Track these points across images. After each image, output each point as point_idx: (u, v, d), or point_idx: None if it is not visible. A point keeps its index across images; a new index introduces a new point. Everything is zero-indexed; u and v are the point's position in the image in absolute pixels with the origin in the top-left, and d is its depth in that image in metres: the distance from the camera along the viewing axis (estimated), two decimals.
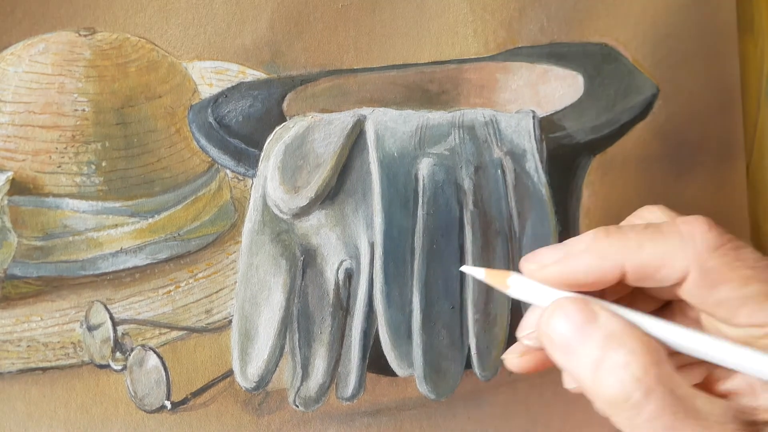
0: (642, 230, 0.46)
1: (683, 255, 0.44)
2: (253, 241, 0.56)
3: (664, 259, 0.45)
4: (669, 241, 0.45)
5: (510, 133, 0.59)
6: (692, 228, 0.45)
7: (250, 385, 0.56)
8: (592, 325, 0.44)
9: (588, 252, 0.46)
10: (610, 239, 0.45)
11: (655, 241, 0.45)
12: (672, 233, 0.45)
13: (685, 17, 0.65)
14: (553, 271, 0.46)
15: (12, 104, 0.53)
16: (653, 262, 0.45)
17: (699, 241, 0.44)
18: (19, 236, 0.53)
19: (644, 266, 0.45)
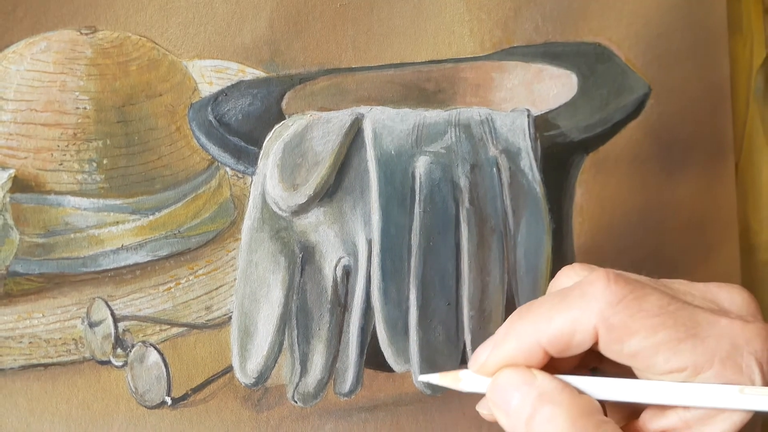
0: (551, 302, 0.47)
1: (588, 316, 0.45)
2: (252, 238, 0.56)
3: (573, 326, 0.45)
4: (573, 306, 0.46)
5: (505, 131, 0.59)
6: (592, 288, 0.45)
7: (250, 380, 0.57)
8: (528, 386, 0.46)
9: (508, 338, 0.47)
10: (523, 320, 0.47)
11: (561, 311, 0.46)
12: (575, 298, 0.46)
13: (676, 17, 0.66)
14: (490, 364, 0.48)
15: (14, 102, 0.53)
16: (564, 332, 0.46)
17: (600, 299, 0.45)
18: (21, 233, 0.53)
19: (558, 338, 0.46)
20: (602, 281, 0.45)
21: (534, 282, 0.61)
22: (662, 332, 0.44)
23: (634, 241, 0.67)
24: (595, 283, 0.46)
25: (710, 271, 0.70)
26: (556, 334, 0.46)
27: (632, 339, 0.45)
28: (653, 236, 0.68)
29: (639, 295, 0.45)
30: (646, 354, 0.45)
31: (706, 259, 0.70)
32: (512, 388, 0.47)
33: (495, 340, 0.48)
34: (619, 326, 0.45)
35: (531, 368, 0.47)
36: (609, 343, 0.45)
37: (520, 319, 0.47)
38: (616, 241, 0.66)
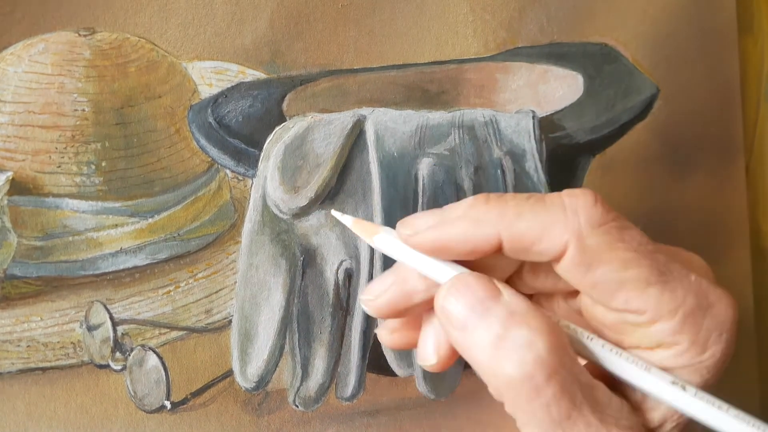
0: (524, 199, 0.43)
1: (563, 228, 0.42)
2: (252, 241, 0.56)
3: (543, 231, 0.42)
4: (550, 212, 0.42)
5: (510, 133, 0.59)
6: (576, 201, 0.42)
7: (250, 385, 0.56)
8: (495, 301, 0.42)
9: (464, 218, 0.43)
10: (489, 206, 0.43)
11: (535, 211, 0.42)
12: (554, 205, 0.42)
13: (685, 17, 0.65)
14: (427, 237, 0.43)
15: (12, 104, 0.53)
16: (531, 233, 0.42)
17: (581, 215, 0.42)
18: (19, 236, 0.53)
19: (521, 237, 0.42)
20: (589, 198, 0.42)
21: None
22: (634, 269, 0.41)
23: None
24: (580, 197, 0.42)
25: (720, 273, 0.68)
26: (520, 232, 0.42)
27: (601, 267, 0.41)
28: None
29: (622, 225, 0.42)
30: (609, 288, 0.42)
31: (716, 261, 0.69)
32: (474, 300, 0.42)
33: (444, 214, 0.44)
34: (592, 250, 0.41)
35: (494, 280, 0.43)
36: (575, 264, 0.42)
37: (485, 203, 0.43)
38: None
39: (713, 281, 0.44)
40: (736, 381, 0.70)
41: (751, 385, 0.71)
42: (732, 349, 0.43)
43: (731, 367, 0.70)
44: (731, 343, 0.43)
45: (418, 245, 0.43)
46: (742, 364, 0.70)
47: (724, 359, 0.43)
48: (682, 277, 0.42)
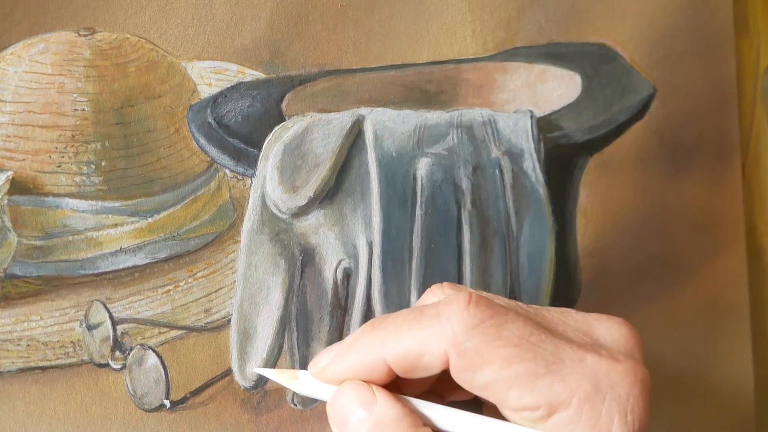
0: (404, 318, 0.44)
1: (439, 340, 0.42)
2: (252, 240, 0.56)
3: (423, 347, 0.43)
4: (425, 325, 0.43)
5: (508, 133, 0.59)
6: (449, 308, 0.42)
7: (249, 383, 0.56)
8: (366, 410, 0.44)
9: (353, 348, 0.45)
10: (373, 333, 0.45)
11: (412, 328, 0.43)
12: (430, 317, 0.43)
13: (682, 18, 0.65)
14: (329, 372, 0.46)
15: (12, 104, 0.53)
16: (412, 351, 0.43)
17: (455, 322, 0.42)
18: (18, 235, 0.53)
19: (404, 356, 0.43)
20: (461, 302, 0.42)
21: (537, 284, 0.61)
22: (518, 365, 0.41)
23: (638, 243, 0.67)
24: (453, 303, 0.43)
25: (716, 272, 0.69)
26: (402, 353, 0.43)
27: (485, 369, 0.42)
28: (658, 238, 0.67)
29: (499, 322, 0.42)
30: (499, 387, 0.42)
31: (712, 260, 0.69)
32: (350, 409, 0.44)
33: (340, 348, 0.46)
34: (472, 353, 0.42)
35: (374, 387, 0.44)
36: (460, 370, 0.42)
37: (370, 331, 0.45)
38: (621, 242, 0.66)
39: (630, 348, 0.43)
40: (732, 380, 0.70)
41: (746, 385, 0.71)
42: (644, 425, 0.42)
43: (727, 366, 0.70)
44: (641, 421, 0.42)
45: (324, 379, 0.46)
46: (738, 363, 0.71)
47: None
48: (574, 363, 0.42)
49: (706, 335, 0.70)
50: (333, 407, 0.46)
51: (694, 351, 0.70)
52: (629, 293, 0.67)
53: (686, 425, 0.70)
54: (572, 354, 0.42)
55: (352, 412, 0.44)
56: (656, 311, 0.68)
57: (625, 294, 0.67)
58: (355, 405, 0.44)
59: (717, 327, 0.70)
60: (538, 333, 0.42)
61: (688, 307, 0.69)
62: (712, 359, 0.70)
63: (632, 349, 0.44)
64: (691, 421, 0.70)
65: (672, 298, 0.68)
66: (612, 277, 0.66)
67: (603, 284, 0.66)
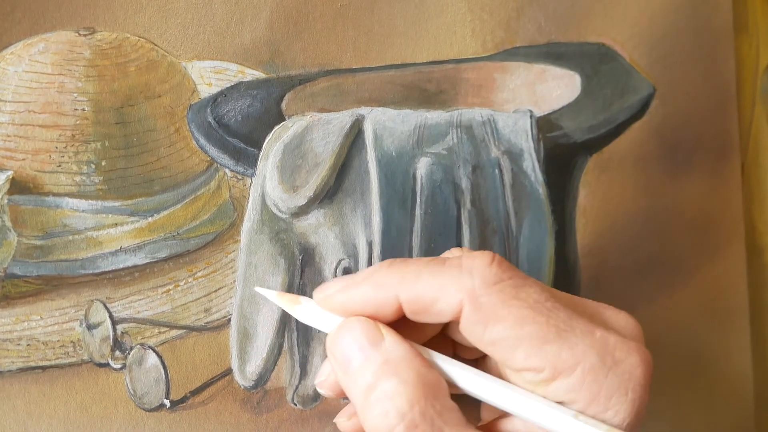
0: (425, 263, 0.44)
1: (457, 288, 0.42)
2: (251, 240, 0.56)
3: (439, 292, 0.43)
4: (446, 273, 0.43)
5: (507, 132, 0.59)
6: (472, 262, 0.43)
7: (249, 383, 0.56)
8: (374, 348, 0.43)
9: (366, 281, 0.45)
10: (391, 269, 0.44)
11: (433, 273, 0.43)
12: (452, 266, 0.43)
13: (681, 17, 0.65)
14: (336, 300, 0.45)
15: (12, 104, 0.53)
16: (428, 294, 0.43)
17: (476, 275, 0.42)
18: (18, 235, 0.53)
19: (418, 298, 0.43)
20: (485, 259, 0.43)
21: None
22: (530, 326, 0.42)
23: (638, 243, 0.67)
24: (477, 258, 0.43)
25: (716, 271, 0.69)
26: (417, 294, 0.43)
27: (497, 325, 0.42)
28: (658, 237, 0.67)
29: (518, 283, 0.43)
30: (507, 345, 0.42)
31: (712, 260, 0.69)
32: (355, 345, 0.43)
33: (351, 278, 0.45)
34: (487, 308, 0.42)
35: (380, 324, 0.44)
36: (471, 323, 0.42)
37: (388, 267, 0.44)
38: (620, 242, 0.66)
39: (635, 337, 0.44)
40: (731, 379, 0.70)
41: (745, 384, 0.71)
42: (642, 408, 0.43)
43: (726, 366, 0.70)
44: (640, 402, 0.42)
45: (329, 308, 0.45)
46: (737, 362, 0.71)
47: (631, 419, 0.42)
48: (584, 334, 0.42)
49: (705, 334, 0.70)
50: (336, 343, 0.44)
51: (693, 350, 0.70)
52: (628, 292, 0.67)
53: (685, 423, 0.70)
54: (583, 325, 0.42)
55: (358, 349, 0.43)
56: (656, 310, 0.68)
57: (625, 293, 0.67)
58: (362, 341, 0.43)
59: (716, 326, 0.70)
60: (553, 301, 0.43)
61: (687, 307, 0.69)
62: (711, 358, 0.70)
63: (638, 336, 0.44)
64: (690, 419, 0.70)
65: (671, 298, 0.68)
66: (611, 276, 0.66)
67: (602, 284, 0.66)
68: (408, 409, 0.41)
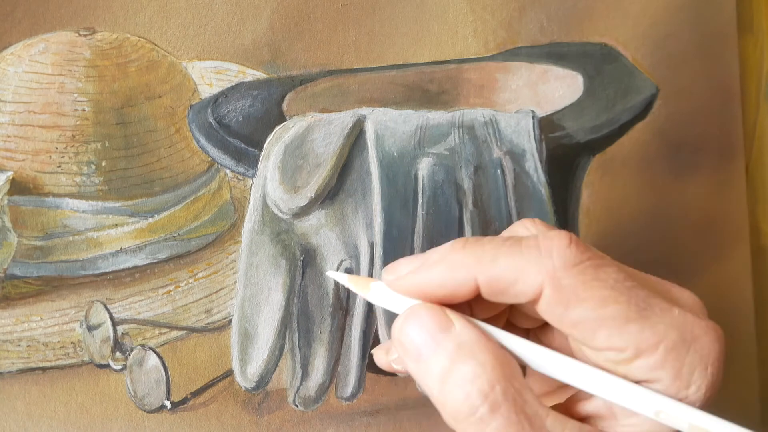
0: (501, 243, 0.44)
1: (537, 270, 0.42)
2: (252, 240, 0.56)
3: (518, 274, 0.42)
4: (525, 254, 0.43)
5: (510, 133, 0.59)
6: (551, 243, 0.43)
7: (250, 384, 0.56)
8: (445, 334, 0.43)
9: (442, 262, 0.44)
10: (466, 250, 0.44)
11: (511, 254, 0.43)
12: (530, 247, 0.43)
13: (685, 17, 0.65)
14: (408, 282, 0.44)
15: (12, 104, 0.53)
16: (506, 276, 0.43)
17: (556, 256, 0.42)
18: (19, 236, 0.53)
19: (497, 279, 0.43)
20: (564, 240, 0.43)
21: None
22: (612, 306, 0.42)
23: (641, 244, 0.66)
24: (555, 239, 0.43)
25: (720, 273, 0.69)
26: (496, 276, 0.43)
27: (579, 306, 0.42)
28: (661, 239, 0.67)
29: (597, 264, 0.42)
30: (589, 326, 0.42)
31: (716, 261, 0.69)
32: (426, 333, 0.43)
33: (425, 258, 0.45)
34: (568, 290, 0.42)
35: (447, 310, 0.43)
36: (552, 304, 0.42)
37: (462, 248, 0.44)
38: (623, 243, 0.66)
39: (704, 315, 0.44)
40: (736, 382, 0.70)
41: (751, 386, 0.71)
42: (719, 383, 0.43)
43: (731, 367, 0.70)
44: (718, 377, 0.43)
45: (401, 290, 0.45)
46: (742, 365, 0.70)
47: (710, 393, 0.43)
48: (663, 312, 0.42)
49: None
50: (403, 333, 0.44)
51: None
52: None
53: None
54: (661, 304, 0.43)
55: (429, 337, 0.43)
56: None
57: None
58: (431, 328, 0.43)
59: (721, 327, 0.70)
60: (631, 280, 0.43)
61: None
62: None
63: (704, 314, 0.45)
64: None
65: None
66: None
67: None
68: (489, 389, 0.41)
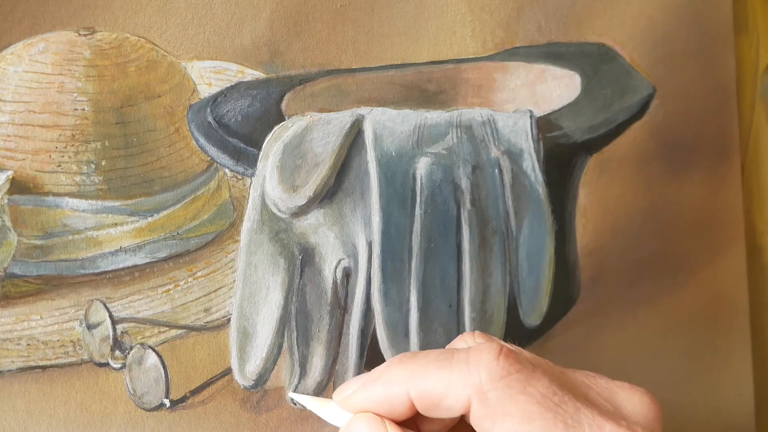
0: (434, 357, 0.45)
1: (464, 384, 0.43)
2: (251, 240, 0.56)
3: (447, 388, 0.43)
4: (454, 368, 0.43)
5: (507, 132, 0.59)
6: (479, 357, 0.43)
7: (249, 383, 0.57)
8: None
9: (379, 379, 0.46)
10: (401, 366, 0.45)
11: (441, 368, 0.44)
12: (459, 361, 0.44)
13: (681, 17, 0.65)
14: (354, 400, 0.46)
15: (12, 103, 0.53)
16: (436, 390, 0.44)
17: (482, 369, 0.43)
18: (19, 235, 0.53)
19: (428, 394, 0.44)
20: (492, 352, 0.43)
21: (536, 284, 0.61)
22: (538, 422, 0.42)
23: (638, 243, 0.67)
24: (484, 352, 0.43)
25: (716, 271, 0.70)
26: (426, 390, 0.44)
27: (505, 421, 0.42)
28: (658, 238, 0.67)
29: (525, 377, 0.43)
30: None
31: (712, 260, 0.70)
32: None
33: (366, 378, 0.47)
34: (495, 403, 0.43)
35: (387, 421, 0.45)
36: (480, 417, 0.43)
37: (399, 364, 0.46)
38: (620, 242, 0.66)
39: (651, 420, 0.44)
40: (731, 380, 0.70)
41: (745, 384, 0.71)
42: None
43: (727, 365, 0.70)
44: None
45: (349, 408, 0.47)
46: (737, 362, 0.71)
47: None
48: (592, 429, 0.42)
49: (705, 334, 0.70)
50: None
51: (693, 350, 0.70)
52: (629, 292, 0.67)
53: (685, 423, 0.70)
54: (591, 419, 0.43)
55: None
56: (656, 310, 0.68)
57: (625, 293, 0.67)
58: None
59: (716, 326, 0.70)
60: (561, 394, 0.43)
61: (687, 307, 0.69)
62: (712, 358, 0.71)
63: (652, 421, 0.44)
64: (690, 420, 0.70)
65: (671, 298, 0.69)
66: (611, 276, 0.66)
67: (602, 284, 0.66)
68: None
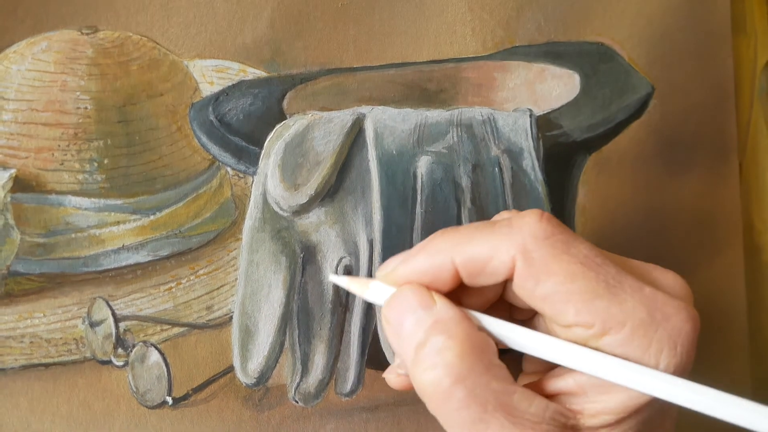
0: (476, 226, 0.45)
1: (509, 245, 0.43)
2: (253, 238, 0.56)
3: (491, 251, 0.43)
4: (497, 232, 0.44)
5: (507, 131, 0.59)
6: (522, 220, 0.43)
7: (251, 381, 0.57)
8: (425, 311, 0.44)
9: (423, 250, 0.45)
10: (444, 236, 0.45)
11: (484, 234, 0.44)
12: (502, 226, 0.44)
13: (680, 17, 0.66)
14: (396, 274, 0.46)
15: (15, 102, 0.53)
16: (481, 255, 0.43)
17: (526, 231, 0.43)
18: (21, 233, 0.54)
19: (473, 259, 0.44)
20: (534, 216, 0.43)
21: None
22: (581, 281, 0.42)
23: (636, 241, 0.67)
24: (527, 216, 0.44)
25: (714, 270, 0.70)
26: (471, 256, 0.44)
27: (548, 280, 0.42)
28: (656, 236, 0.67)
29: (568, 239, 0.43)
30: (558, 300, 0.42)
31: (710, 259, 0.70)
32: (408, 309, 0.44)
33: (408, 252, 0.46)
34: (538, 262, 0.42)
35: (432, 291, 0.45)
36: (524, 278, 0.43)
37: (441, 235, 0.45)
38: (619, 241, 0.66)
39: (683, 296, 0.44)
40: (728, 377, 0.70)
41: (743, 381, 0.71)
42: (689, 362, 0.43)
43: (723, 363, 0.70)
44: (688, 356, 0.43)
45: (392, 282, 0.46)
46: (735, 361, 0.71)
47: (680, 373, 0.43)
48: (633, 290, 0.43)
49: (703, 333, 0.70)
50: (389, 309, 0.45)
51: None
52: None
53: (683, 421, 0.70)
54: (632, 282, 0.43)
55: (411, 313, 0.44)
56: None
57: None
58: (414, 305, 0.44)
59: (714, 325, 0.70)
60: (603, 257, 0.43)
61: None
62: (709, 357, 0.71)
63: (686, 295, 0.45)
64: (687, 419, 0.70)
65: None
66: None
67: None
68: (456, 362, 0.42)
